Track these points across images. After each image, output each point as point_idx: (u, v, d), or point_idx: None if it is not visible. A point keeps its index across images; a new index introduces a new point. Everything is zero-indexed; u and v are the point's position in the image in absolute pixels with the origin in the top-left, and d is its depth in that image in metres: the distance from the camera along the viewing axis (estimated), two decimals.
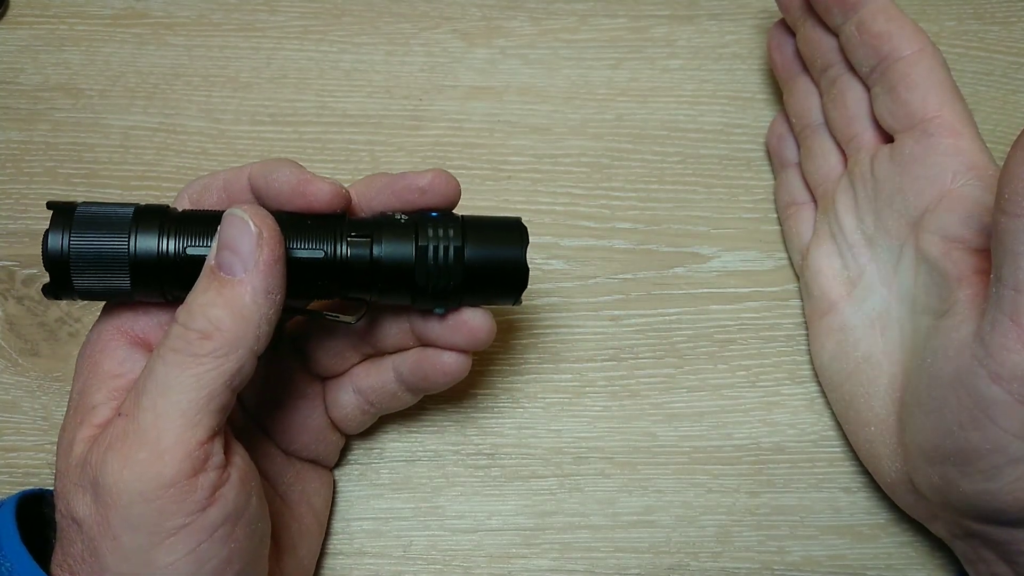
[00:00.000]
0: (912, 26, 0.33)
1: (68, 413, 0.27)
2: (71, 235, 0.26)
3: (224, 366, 0.24)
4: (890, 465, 0.32)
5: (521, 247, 0.29)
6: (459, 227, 0.28)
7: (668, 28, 0.44)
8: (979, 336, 0.26)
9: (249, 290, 0.25)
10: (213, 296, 0.25)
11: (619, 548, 0.35)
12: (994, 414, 0.26)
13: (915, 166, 0.32)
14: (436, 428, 0.37)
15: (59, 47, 0.42)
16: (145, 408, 0.24)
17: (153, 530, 0.23)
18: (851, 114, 0.35)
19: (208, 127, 0.41)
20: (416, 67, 0.43)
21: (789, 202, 0.39)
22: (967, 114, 0.33)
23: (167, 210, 0.27)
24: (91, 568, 0.24)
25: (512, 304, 0.30)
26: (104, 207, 0.27)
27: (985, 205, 0.30)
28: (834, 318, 0.35)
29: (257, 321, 0.25)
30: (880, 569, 0.35)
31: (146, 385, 0.24)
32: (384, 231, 0.28)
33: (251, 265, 0.25)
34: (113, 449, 0.24)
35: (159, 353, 0.25)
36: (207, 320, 0.24)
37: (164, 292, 0.27)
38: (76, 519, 0.24)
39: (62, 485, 0.25)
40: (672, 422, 0.37)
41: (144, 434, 0.24)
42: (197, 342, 0.24)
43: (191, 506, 0.24)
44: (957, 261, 0.30)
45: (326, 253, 0.27)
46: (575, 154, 0.41)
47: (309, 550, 0.32)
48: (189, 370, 0.24)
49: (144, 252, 0.26)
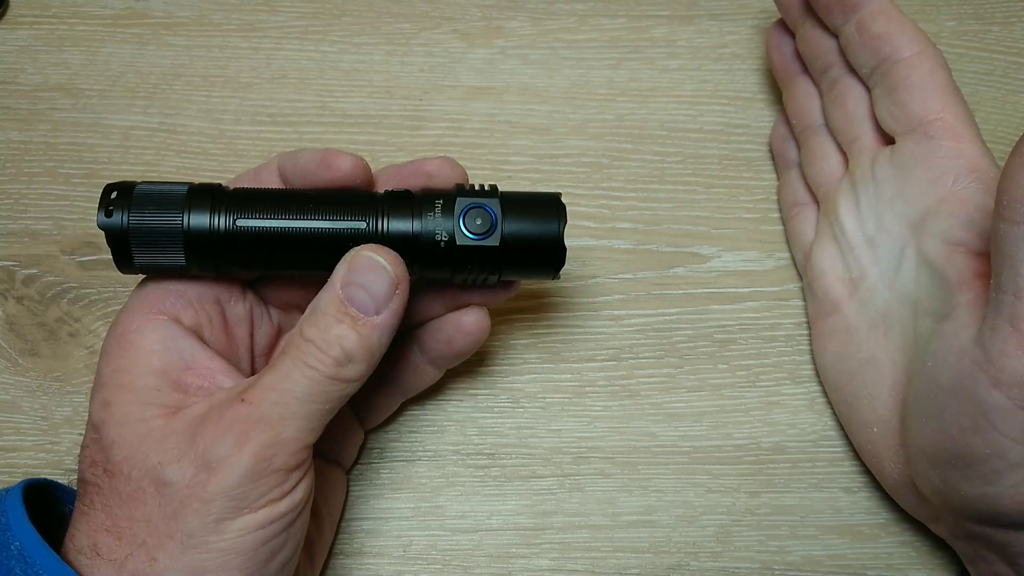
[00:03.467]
0: (913, 27, 0.33)
1: (102, 387, 0.28)
2: (130, 212, 0.27)
3: (347, 389, 0.27)
4: (892, 466, 0.32)
5: (558, 222, 0.29)
6: (498, 202, 0.29)
7: (668, 28, 0.44)
8: (979, 341, 0.26)
9: (380, 332, 0.27)
10: (347, 330, 0.27)
11: (619, 548, 0.35)
12: (994, 419, 0.26)
13: (916, 169, 0.32)
14: (436, 428, 0.37)
15: (59, 47, 0.42)
16: (274, 403, 0.26)
17: (241, 504, 0.25)
18: (852, 116, 0.35)
19: (208, 127, 0.41)
20: (416, 67, 0.43)
21: (792, 203, 0.39)
22: (968, 116, 0.33)
23: (220, 188, 0.29)
24: (156, 528, 0.25)
25: (551, 279, 0.31)
26: (160, 185, 0.28)
27: (986, 208, 0.30)
28: (837, 319, 0.35)
29: (381, 354, 0.28)
30: (880, 569, 0.35)
31: (276, 383, 0.26)
32: (423, 206, 0.29)
33: (384, 308, 0.27)
34: (235, 429, 0.26)
35: (296, 362, 0.27)
36: (342, 351, 0.27)
37: (217, 265, 0.28)
38: (164, 482, 0.26)
39: (137, 455, 0.26)
40: (672, 422, 0.37)
41: (268, 426, 0.26)
42: (333, 367, 0.27)
43: (280, 492, 0.26)
44: (958, 265, 0.30)
45: (368, 226, 0.28)
46: (575, 154, 0.41)
47: (321, 551, 0.33)
48: (321, 386, 0.27)
49: (197, 227, 0.28)
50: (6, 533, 0.26)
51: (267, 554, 0.26)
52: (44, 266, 0.38)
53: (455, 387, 0.37)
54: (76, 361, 0.37)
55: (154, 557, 0.25)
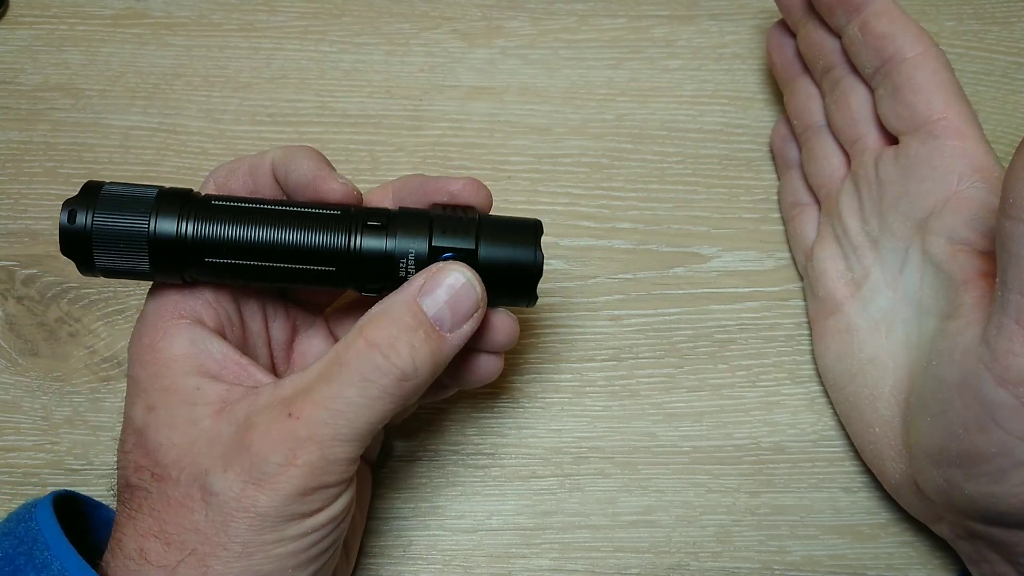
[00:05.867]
0: (916, 28, 0.33)
1: (143, 392, 0.27)
2: (95, 213, 0.26)
3: (402, 404, 0.26)
4: (894, 466, 0.32)
5: (533, 249, 0.28)
6: (474, 226, 0.28)
7: (668, 28, 0.44)
8: (985, 339, 0.26)
9: (450, 349, 0.27)
10: (422, 342, 0.26)
11: (619, 548, 0.35)
12: (999, 417, 0.26)
13: (921, 168, 0.32)
14: (436, 428, 0.37)
15: (59, 47, 0.42)
16: (325, 423, 0.25)
17: (291, 517, 0.25)
18: (854, 116, 0.35)
19: (208, 127, 0.41)
20: (416, 67, 0.43)
21: (793, 203, 0.39)
22: (972, 116, 0.33)
23: (190, 194, 0.28)
24: (207, 537, 0.25)
25: (526, 306, 0.30)
26: (130, 187, 0.27)
27: (991, 207, 0.30)
28: (839, 319, 0.35)
29: (436, 376, 0.27)
30: (880, 569, 0.35)
31: (327, 401, 0.25)
32: (399, 224, 0.28)
33: (459, 327, 0.27)
34: (284, 445, 0.25)
35: (353, 375, 0.26)
36: (414, 363, 0.26)
37: (183, 274, 0.27)
38: (211, 491, 0.25)
39: (185, 457, 0.26)
40: (672, 422, 0.37)
41: (318, 444, 0.25)
42: (396, 382, 0.26)
43: (327, 502, 0.26)
44: (963, 264, 0.30)
45: (341, 246, 0.27)
46: (575, 154, 0.41)
47: (354, 545, 0.33)
48: (378, 403, 0.26)
49: (164, 234, 0.27)
50: (45, 553, 0.26)
51: (314, 555, 0.26)
52: (44, 266, 0.38)
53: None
54: (76, 361, 0.37)
55: (207, 564, 0.25)
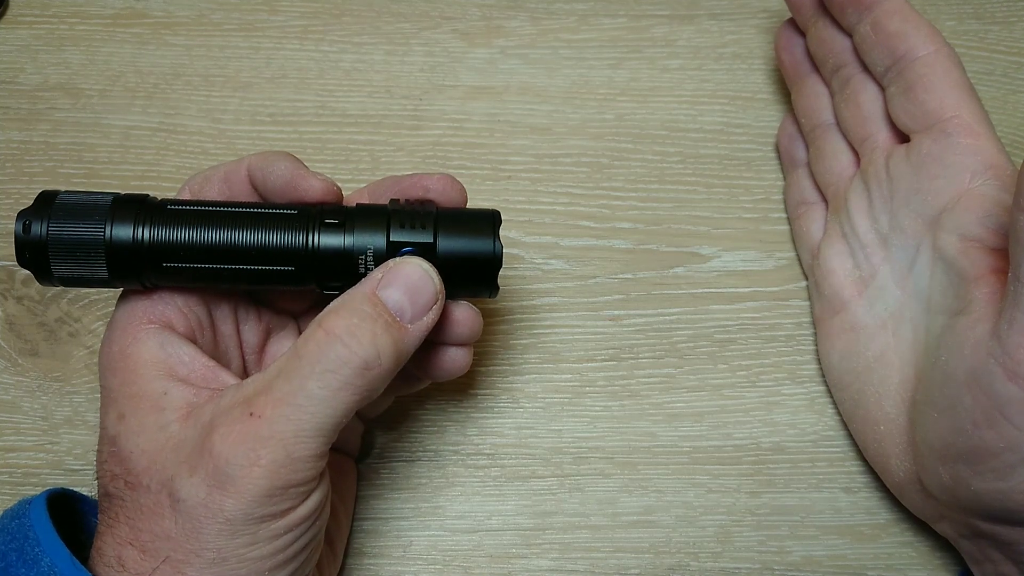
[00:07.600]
0: (928, 26, 0.33)
1: (114, 402, 0.27)
2: (50, 222, 0.26)
3: (366, 395, 0.26)
4: (899, 464, 0.32)
5: (492, 239, 0.28)
6: (432, 220, 0.28)
7: (668, 28, 0.44)
8: (996, 334, 0.26)
9: (412, 340, 0.27)
10: (383, 330, 0.26)
11: (619, 548, 0.35)
12: (1009, 413, 0.26)
13: (933, 166, 0.32)
14: (436, 428, 0.37)
15: (59, 47, 0.42)
16: (287, 419, 0.25)
17: (260, 519, 0.25)
18: (865, 114, 0.35)
19: (208, 127, 0.41)
20: (416, 67, 0.43)
21: (799, 202, 0.39)
22: (984, 114, 0.33)
23: (145, 199, 0.27)
24: (179, 544, 0.25)
25: (488, 296, 0.30)
26: (85, 195, 0.27)
27: (1003, 204, 0.30)
28: (845, 318, 0.35)
29: (399, 368, 0.26)
30: (881, 569, 0.35)
31: (288, 396, 0.25)
32: (357, 220, 0.28)
33: (419, 318, 0.27)
34: (245, 446, 0.25)
35: (310, 369, 0.25)
36: (376, 350, 0.25)
37: (142, 280, 0.27)
38: (177, 498, 0.25)
39: (154, 464, 0.26)
40: (672, 422, 0.37)
41: (281, 443, 0.25)
42: (358, 371, 0.25)
43: (297, 501, 0.26)
44: (975, 260, 0.30)
45: (298, 245, 0.27)
46: (575, 154, 0.41)
47: (340, 541, 0.33)
48: (341, 394, 0.25)
49: (120, 240, 0.26)
50: (36, 549, 0.26)
51: (291, 555, 0.26)
52: None
53: (455, 387, 0.37)
54: (76, 361, 0.37)
55: (182, 572, 0.25)
